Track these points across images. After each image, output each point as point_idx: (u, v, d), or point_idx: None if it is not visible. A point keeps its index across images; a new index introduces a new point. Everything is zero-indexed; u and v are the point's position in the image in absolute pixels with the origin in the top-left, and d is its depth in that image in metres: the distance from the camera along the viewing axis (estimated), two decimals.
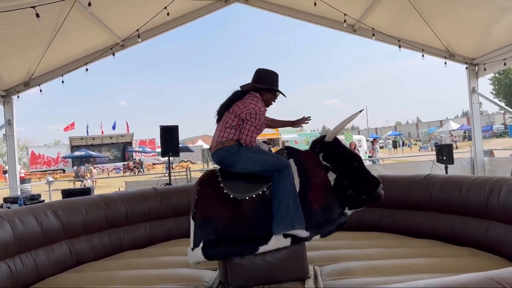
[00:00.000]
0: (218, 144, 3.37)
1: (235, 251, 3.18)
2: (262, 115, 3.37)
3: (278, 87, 3.48)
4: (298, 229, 3.15)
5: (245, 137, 3.29)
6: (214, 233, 3.15)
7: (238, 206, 3.22)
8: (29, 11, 5.47)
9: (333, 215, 3.36)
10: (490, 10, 6.61)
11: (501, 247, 3.56)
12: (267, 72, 3.48)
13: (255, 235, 3.18)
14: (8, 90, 8.26)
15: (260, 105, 3.34)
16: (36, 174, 31.82)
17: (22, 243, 3.57)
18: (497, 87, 51.21)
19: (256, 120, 3.29)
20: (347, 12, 7.64)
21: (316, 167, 3.48)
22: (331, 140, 3.51)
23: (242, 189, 3.29)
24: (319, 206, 3.32)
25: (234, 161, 3.31)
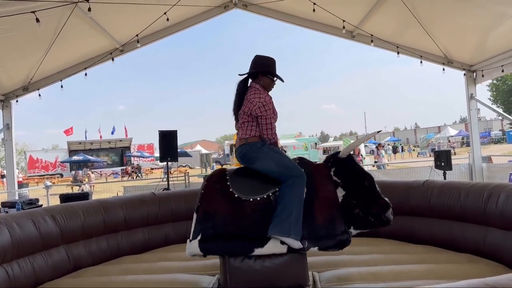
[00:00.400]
0: (241, 140, 3.45)
1: (230, 249, 3.20)
2: (270, 103, 3.41)
3: (275, 72, 3.54)
4: (292, 238, 3.12)
5: (266, 131, 3.38)
6: (213, 228, 3.21)
7: (241, 206, 3.26)
8: (29, 16, 5.48)
9: (336, 231, 3.28)
10: (488, 17, 6.66)
11: (500, 253, 3.56)
12: (263, 59, 3.56)
13: (252, 236, 3.19)
14: (7, 94, 8.26)
15: (264, 95, 3.40)
16: (34, 179, 31.77)
17: (20, 247, 3.55)
18: (495, 93, 51.36)
19: (267, 111, 3.36)
20: (345, 19, 7.68)
21: (325, 181, 3.43)
22: (344, 157, 3.49)
23: (248, 190, 3.32)
24: (322, 220, 3.27)
25: (256, 157, 3.37)
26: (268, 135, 3.38)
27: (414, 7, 6.75)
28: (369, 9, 7.43)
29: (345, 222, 3.33)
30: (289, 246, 3.14)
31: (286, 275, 3.24)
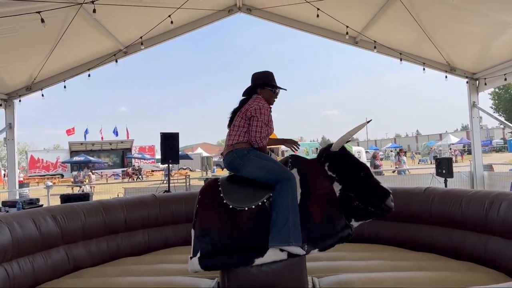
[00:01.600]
0: (228, 147, 3.43)
1: (230, 262, 3.15)
2: (267, 110, 3.41)
3: (274, 83, 3.57)
4: (293, 246, 3.06)
5: (254, 134, 3.33)
6: (211, 243, 3.15)
7: (236, 217, 3.19)
8: (34, 16, 5.51)
9: (335, 228, 3.25)
10: (491, 26, 6.67)
11: (500, 261, 3.54)
12: (259, 74, 3.62)
13: (251, 246, 3.12)
14: (10, 94, 8.29)
15: (263, 103, 3.42)
16: (34, 179, 31.79)
17: (20, 247, 3.56)
18: (497, 102, 51.40)
19: (261, 115, 3.34)
20: (349, 24, 7.71)
21: (320, 177, 3.37)
22: (337, 150, 3.42)
23: (242, 199, 3.25)
24: (320, 219, 3.23)
25: (242, 164, 3.33)
26: (256, 138, 3.31)
27: (417, 14, 6.77)
28: (373, 15, 7.45)
29: (346, 215, 3.31)
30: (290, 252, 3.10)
31: (284, 279, 3.21)
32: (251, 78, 3.64)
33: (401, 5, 6.57)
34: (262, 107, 3.36)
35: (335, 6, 7.20)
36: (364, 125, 3.44)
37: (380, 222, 4.78)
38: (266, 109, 3.39)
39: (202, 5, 7.46)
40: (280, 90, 3.62)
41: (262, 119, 3.34)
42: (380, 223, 4.78)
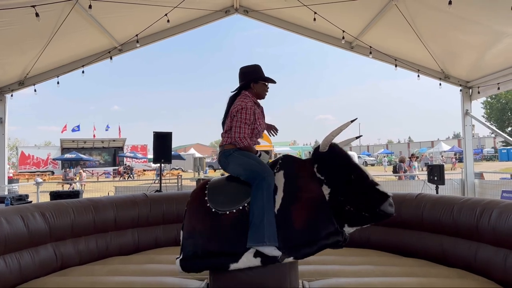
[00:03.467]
0: (220, 147, 3.50)
1: (207, 266, 3.16)
2: (250, 109, 3.30)
3: (264, 76, 3.50)
4: (268, 246, 2.99)
5: (234, 134, 3.30)
6: (193, 246, 3.14)
7: (217, 221, 3.15)
8: (29, 10, 5.45)
9: (318, 235, 3.05)
10: (485, 35, 6.73)
11: (490, 269, 3.55)
12: (248, 68, 3.55)
13: (228, 251, 3.08)
14: (2, 88, 8.19)
15: (248, 101, 3.35)
16: (24, 175, 31.46)
17: (7, 243, 3.50)
18: (489, 111, 51.92)
19: (242, 115, 3.28)
20: (345, 29, 7.73)
21: (308, 180, 3.19)
22: (325, 150, 3.23)
23: (224, 203, 3.21)
24: (301, 225, 3.05)
25: (227, 162, 3.38)
26: (236, 138, 3.28)
27: (413, 21, 6.80)
28: (369, 21, 7.48)
29: (338, 221, 3.09)
30: (263, 257, 3.02)
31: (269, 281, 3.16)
32: (240, 72, 3.55)
33: (398, 12, 6.61)
34: (244, 107, 3.29)
35: (332, 11, 7.21)
36: (348, 124, 3.24)
37: (371, 227, 4.77)
38: (250, 109, 3.30)
39: (199, 4, 7.44)
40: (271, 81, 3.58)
41: (243, 118, 3.28)
42: (371, 228, 4.77)
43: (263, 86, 3.50)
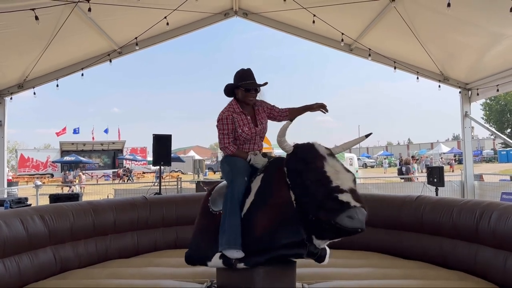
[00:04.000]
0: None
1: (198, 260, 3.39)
2: (226, 119, 3.31)
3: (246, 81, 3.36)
4: (228, 249, 3.02)
5: (219, 143, 3.44)
6: (194, 240, 3.46)
7: (212, 220, 3.31)
8: (28, 13, 5.45)
9: (275, 243, 2.92)
10: (484, 37, 6.74)
11: (490, 272, 3.55)
12: (235, 74, 3.47)
13: (210, 248, 3.20)
14: (1, 91, 8.18)
15: (226, 111, 3.36)
16: (23, 178, 31.42)
17: (6, 247, 3.50)
18: (488, 113, 51.97)
19: (220, 126, 3.34)
20: (344, 32, 7.73)
21: (279, 185, 2.99)
22: (289, 152, 3.02)
23: (218, 204, 3.32)
24: (261, 231, 2.96)
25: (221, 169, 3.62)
26: (221, 147, 3.42)
27: (412, 23, 6.81)
28: (368, 23, 7.49)
29: (306, 231, 2.85)
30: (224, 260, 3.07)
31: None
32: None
33: (397, 14, 6.61)
34: (220, 118, 3.34)
35: (331, 13, 7.22)
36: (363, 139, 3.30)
37: (371, 229, 4.77)
38: (226, 119, 3.31)
39: (198, 7, 7.44)
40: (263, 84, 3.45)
41: (221, 129, 3.33)
42: (371, 230, 4.76)
43: (243, 92, 3.36)
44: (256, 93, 3.40)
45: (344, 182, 2.72)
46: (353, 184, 2.78)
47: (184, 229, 4.99)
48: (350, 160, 26.26)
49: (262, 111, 3.49)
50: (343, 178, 2.76)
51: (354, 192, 2.69)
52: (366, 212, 2.61)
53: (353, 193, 2.67)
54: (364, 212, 2.60)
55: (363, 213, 2.60)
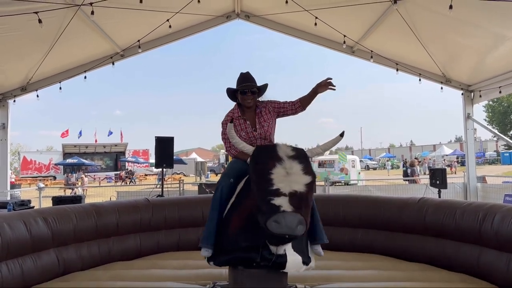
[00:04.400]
0: None
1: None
2: (225, 123, 3.40)
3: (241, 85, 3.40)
4: (202, 247, 3.18)
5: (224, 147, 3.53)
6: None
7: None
8: (31, 16, 5.49)
9: (238, 245, 2.94)
10: (487, 39, 6.74)
11: (493, 274, 3.55)
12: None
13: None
14: (4, 94, 8.23)
15: (226, 115, 3.46)
16: (26, 180, 31.49)
17: (10, 249, 3.51)
18: (491, 114, 51.81)
19: (222, 130, 3.43)
20: (346, 34, 7.74)
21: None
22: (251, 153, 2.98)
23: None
24: (233, 233, 2.98)
25: None
26: (225, 150, 3.49)
27: (414, 25, 6.81)
28: (370, 25, 7.50)
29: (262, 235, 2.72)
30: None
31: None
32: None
33: (398, 16, 6.62)
34: (222, 123, 3.45)
35: (333, 15, 7.23)
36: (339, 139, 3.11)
37: (374, 231, 4.78)
38: (224, 123, 3.43)
39: (200, 10, 7.47)
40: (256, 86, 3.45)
41: (223, 133, 3.43)
42: (374, 232, 4.78)
43: (240, 96, 3.42)
44: (252, 95, 3.40)
45: (290, 185, 2.61)
46: (304, 187, 2.63)
47: (186, 231, 5.01)
48: (352, 162, 26.29)
49: (266, 113, 3.46)
50: (292, 181, 2.64)
51: (294, 196, 2.56)
52: (299, 218, 2.46)
53: (293, 197, 2.54)
54: (294, 218, 2.45)
55: (293, 219, 2.45)
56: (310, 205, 2.66)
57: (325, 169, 26.94)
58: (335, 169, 26.17)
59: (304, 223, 2.48)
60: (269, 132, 3.45)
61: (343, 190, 12.15)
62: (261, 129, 3.42)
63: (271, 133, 3.46)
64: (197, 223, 4.88)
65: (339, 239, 4.86)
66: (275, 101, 3.51)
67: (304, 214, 2.52)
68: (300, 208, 2.52)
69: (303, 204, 2.55)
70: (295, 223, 2.45)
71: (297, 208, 2.50)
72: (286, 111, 3.48)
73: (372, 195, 8.05)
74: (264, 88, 3.51)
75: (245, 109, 3.44)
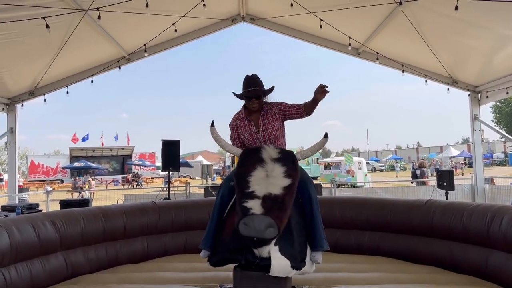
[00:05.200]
0: None
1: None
2: (231, 127, 3.52)
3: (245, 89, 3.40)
4: (202, 249, 3.29)
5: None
6: None
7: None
8: (39, 22, 5.54)
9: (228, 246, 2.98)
10: (493, 39, 6.69)
11: (502, 276, 3.51)
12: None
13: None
14: (12, 98, 8.31)
15: (233, 117, 3.53)
16: (34, 184, 31.73)
17: (19, 252, 3.54)
18: (498, 115, 51.47)
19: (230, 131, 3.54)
20: (352, 36, 7.74)
21: None
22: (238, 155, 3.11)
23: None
24: (227, 235, 3.01)
25: None
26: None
27: (420, 26, 6.79)
28: (376, 27, 7.48)
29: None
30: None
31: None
32: None
33: (404, 17, 6.60)
34: (229, 124, 3.53)
35: (338, 17, 7.23)
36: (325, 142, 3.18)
37: (380, 234, 4.76)
38: (230, 126, 3.53)
39: (206, 14, 7.49)
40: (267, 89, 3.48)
41: (230, 134, 3.52)
42: (380, 234, 4.76)
43: (245, 100, 3.45)
44: (258, 100, 3.39)
45: (266, 188, 2.66)
46: (280, 190, 2.67)
47: (193, 234, 5.01)
48: (359, 164, 26.21)
49: (271, 115, 3.44)
50: (269, 183, 2.69)
51: (267, 198, 2.61)
52: (268, 221, 2.50)
53: (266, 200, 2.59)
54: (262, 221, 2.50)
55: (261, 222, 2.50)
56: (286, 208, 2.68)
57: (331, 171, 26.88)
58: (341, 171, 26.09)
59: (275, 226, 2.52)
60: (273, 135, 3.43)
61: (349, 192, 12.10)
62: (264, 131, 3.41)
63: (276, 135, 3.44)
64: (203, 225, 4.81)
65: (346, 242, 4.85)
66: (282, 103, 3.49)
67: (276, 217, 2.54)
68: (272, 211, 2.55)
69: (276, 207, 2.58)
70: (263, 226, 2.50)
71: (268, 211, 2.54)
72: (292, 114, 3.45)
73: (379, 197, 8.01)
74: (270, 90, 3.49)
75: (251, 111, 3.46)
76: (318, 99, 3.33)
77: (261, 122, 3.43)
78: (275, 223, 2.52)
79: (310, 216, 3.15)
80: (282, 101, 3.51)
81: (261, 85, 3.43)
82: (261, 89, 3.41)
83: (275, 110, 3.46)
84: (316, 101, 3.35)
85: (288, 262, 2.85)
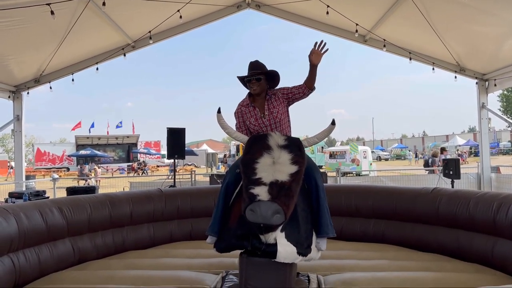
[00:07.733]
0: None
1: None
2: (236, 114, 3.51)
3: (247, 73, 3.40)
4: (208, 235, 3.32)
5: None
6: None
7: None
8: (44, 8, 5.52)
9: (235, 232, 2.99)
10: (502, 27, 6.59)
11: (508, 264, 3.51)
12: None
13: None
14: (18, 86, 8.33)
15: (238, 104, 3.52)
16: (40, 171, 31.97)
17: (27, 238, 3.58)
18: (505, 104, 50.97)
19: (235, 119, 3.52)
20: (359, 22, 7.65)
21: None
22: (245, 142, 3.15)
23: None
24: (233, 222, 3.04)
25: None
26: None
27: (428, 13, 6.70)
28: (383, 14, 7.39)
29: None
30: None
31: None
32: None
33: (412, 4, 6.51)
34: (234, 112, 3.51)
35: (345, 4, 7.15)
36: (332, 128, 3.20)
37: (386, 222, 4.77)
38: (235, 114, 3.51)
39: (211, 0, 7.44)
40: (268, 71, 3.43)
41: (235, 122, 3.51)
42: (386, 222, 4.76)
43: (248, 83, 3.43)
44: (258, 82, 3.36)
45: (273, 175, 2.67)
46: (287, 177, 2.67)
47: (198, 221, 5.04)
48: (364, 153, 26.13)
49: (275, 99, 3.43)
50: (276, 170, 2.69)
51: (274, 185, 2.61)
52: (275, 207, 2.51)
53: (273, 186, 2.60)
54: (269, 207, 2.51)
55: (267, 208, 2.51)
56: (293, 194, 2.67)
57: (336, 160, 26.86)
58: (346, 160, 26.06)
59: (282, 213, 2.53)
60: (278, 118, 3.41)
61: (354, 181, 12.10)
62: (270, 115, 3.40)
63: (281, 119, 3.42)
64: (209, 213, 4.84)
65: (351, 230, 4.86)
66: (284, 88, 3.48)
67: (283, 203, 2.55)
68: (278, 197, 2.55)
69: (283, 194, 2.58)
70: (270, 212, 2.51)
71: (275, 198, 2.54)
72: (295, 95, 3.42)
73: (385, 185, 8.00)
74: (274, 76, 3.45)
75: (255, 97, 3.46)
76: (314, 63, 3.20)
77: (266, 107, 3.42)
78: (282, 210, 2.52)
79: (316, 203, 3.15)
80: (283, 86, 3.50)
81: (262, 69, 3.41)
82: (260, 72, 3.37)
83: (279, 95, 3.46)
84: (313, 66, 3.22)
85: (294, 248, 2.86)
